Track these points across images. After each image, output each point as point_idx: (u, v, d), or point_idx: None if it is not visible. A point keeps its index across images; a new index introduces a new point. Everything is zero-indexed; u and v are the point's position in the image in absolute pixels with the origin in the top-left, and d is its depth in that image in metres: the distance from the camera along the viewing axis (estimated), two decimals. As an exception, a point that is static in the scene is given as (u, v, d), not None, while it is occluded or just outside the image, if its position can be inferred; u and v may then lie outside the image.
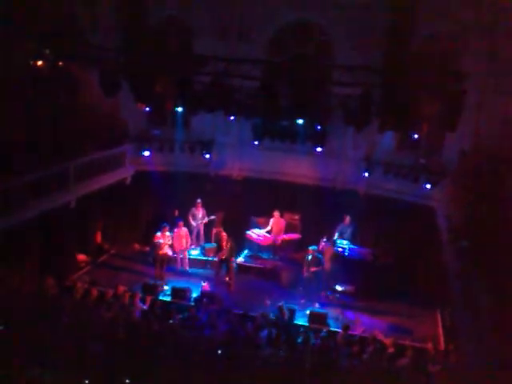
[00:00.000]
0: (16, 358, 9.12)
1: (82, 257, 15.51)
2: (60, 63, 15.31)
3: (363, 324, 12.79)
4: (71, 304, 11.52)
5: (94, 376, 9.28)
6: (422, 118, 12.84)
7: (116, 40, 15.40)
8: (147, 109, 15.70)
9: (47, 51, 14.97)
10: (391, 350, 10.85)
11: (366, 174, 15.77)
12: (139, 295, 12.45)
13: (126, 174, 17.12)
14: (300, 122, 13.96)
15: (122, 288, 12.51)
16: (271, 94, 13.18)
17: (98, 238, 16.71)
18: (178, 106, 14.95)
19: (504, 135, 13.22)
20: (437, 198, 14.79)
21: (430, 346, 11.02)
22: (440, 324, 13.26)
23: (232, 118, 15.86)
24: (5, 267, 11.67)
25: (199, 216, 16.33)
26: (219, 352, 10.24)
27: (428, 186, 14.61)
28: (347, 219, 15.35)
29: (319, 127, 14.68)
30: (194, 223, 16.28)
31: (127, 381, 9.30)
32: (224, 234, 14.85)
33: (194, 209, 16.34)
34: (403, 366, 10.06)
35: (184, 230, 15.41)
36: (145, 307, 12.13)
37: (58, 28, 15.23)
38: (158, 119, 17.51)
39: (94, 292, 12.17)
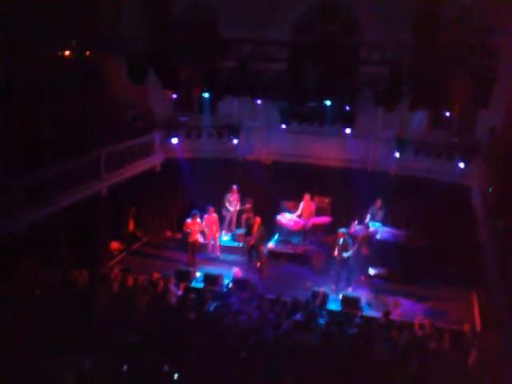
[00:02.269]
0: (54, 347, 9.29)
1: (115, 245, 15.73)
2: (87, 53, 15.39)
3: (400, 308, 12.65)
4: (107, 292, 11.66)
5: (132, 363, 9.39)
6: (453, 96, 12.51)
7: (142, 28, 15.37)
8: (174, 96, 15.69)
9: (74, 42, 15.05)
10: (428, 331, 10.70)
11: (397, 155, 15.48)
12: (173, 280, 12.54)
13: (155, 161, 17.18)
14: (328, 103, 13.78)
15: (156, 275, 12.62)
16: (298, 75, 13.02)
17: (131, 225, 16.91)
18: (204, 92, 14.90)
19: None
20: (472, 177, 14.44)
21: (467, 328, 10.82)
22: (476, 305, 13.04)
23: (259, 101, 15.79)
24: (39, 259, 11.85)
25: (234, 202, 16.33)
26: (251, 338, 10.25)
27: (461, 165, 14.28)
28: (378, 202, 15.13)
29: (348, 108, 14.47)
30: (230, 208, 16.29)
31: (166, 367, 9.38)
32: (257, 219, 14.82)
33: (229, 195, 16.36)
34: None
35: (214, 216, 15.44)
36: (179, 293, 12.23)
37: (84, 18, 15.27)
38: (184, 106, 17.51)
39: (130, 280, 12.30)
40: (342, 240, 13.54)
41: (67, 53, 15.21)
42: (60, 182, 12.91)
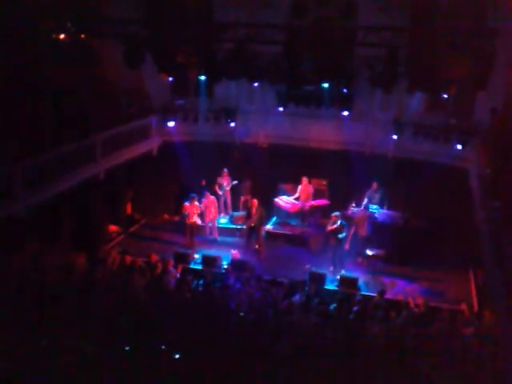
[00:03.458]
0: (54, 330, 9.36)
1: (113, 228, 15.78)
2: (82, 37, 15.25)
3: (396, 287, 12.76)
4: (105, 273, 11.72)
5: (133, 343, 9.48)
6: (451, 78, 12.49)
7: (137, 12, 15.25)
8: (170, 79, 15.62)
9: (69, 25, 14.92)
10: (422, 309, 10.82)
11: (395, 137, 15.50)
12: (172, 262, 12.60)
13: (152, 145, 17.19)
14: (325, 85, 13.74)
15: (154, 257, 12.67)
16: (295, 58, 12.97)
17: (129, 208, 16.95)
18: (201, 75, 14.83)
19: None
20: (469, 159, 14.49)
21: (464, 307, 10.93)
22: (473, 285, 13.16)
23: (256, 84, 15.73)
24: (37, 242, 11.88)
25: (225, 184, 16.37)
26: (249, 318, 10.34)
27: (459, 147, 14.33)
28: (374, 185, 15.18)
29: (345, 90, 14.43)
30: (220, 192, 16.33)
31: (163, 347, 9.47)
32: (255, 201, 14.86)
33: (220, 178, 16.38)
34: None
35: (211, 198, 15.48)
36: (177, 275, 12.30)
37: (79, 1, 15.13)
38: (181, 89, 17.42)
39: (128, 259, 12.36)
40: (336, 223, 13.55)
41: (62, 36, 15.06)
42: (58, 166, 12.93)
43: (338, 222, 13.44)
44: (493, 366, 8.64)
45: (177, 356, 9.33)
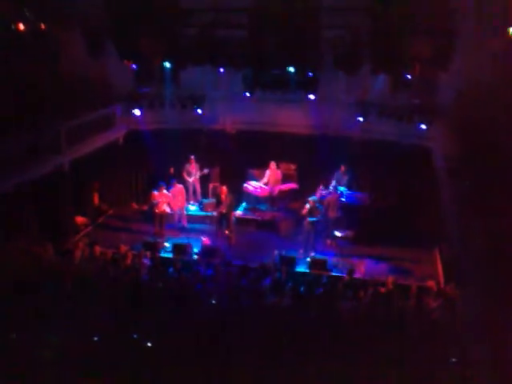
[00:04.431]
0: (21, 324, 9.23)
1: (80, 219, 15.53)
2: (42, 26, 14.90)
3: (366, 267, 12.94)
4: (74, 265, 11.59)
5: (103, 334, 9.42)
6: (413, 59, 12.62)
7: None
8: (134, 66, 15.39)
9: (28, 13, 14.55)
10: (390, 287, 11.02)
11: (360, 119, 15.61)
12: (144, 253, 12.51)
13: (118, 134, 16.94)
14: (291, 69, 13.74)
15: (124, 248, 12.56)
16: (260, 43, 12.93)
17: (95, 199, 16.72)
18: (165, 62, 14.66)
19: (497, 72, 13.04)
20: (433, 138, 14.70)
21: (431, 283, 11.16)
22: (439, 262, 13.43)
23: (222, 70, 15.62)
24: (2, 234, 11.66)
25: (193, 172, 16.28)
26: (223, 305, 10.38)
27: (423, 126, 14.51)
28: (342, 168, 15.30)
29: (310, 74, 14.45)
30: (189, 179, 16.24)
31: (135, 336, 9.44)
32: (224, 187, 14.82)
33: (187, 165, 16.28)
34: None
35: (179, 186, 15.39)
36: (148, 263, 12.23)
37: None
38: (145, 76, 17.16)
39: (97, 249, 12.23)
40: (310, 206, 13.60)
41: (22, 26, 14.69)
42: (20, 157, 12.65)
43: (313, 207, 13.52)
44: (453, 336, 8.85)
45: (149, 344, 9.33)
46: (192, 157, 16.23)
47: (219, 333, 9.44)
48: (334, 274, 12.66)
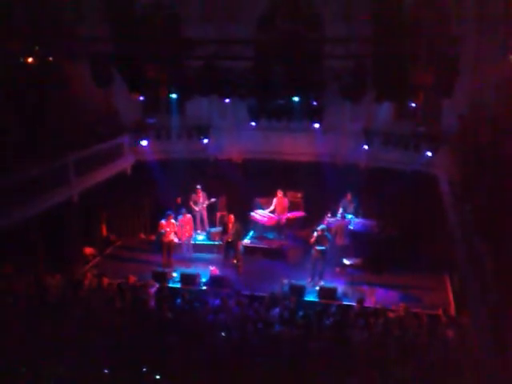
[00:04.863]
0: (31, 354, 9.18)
1: (88, 250, 15.56)
2: (50, 58, 15.17)
3: (376, 295, 12.84)
4: (82, 296, 11.55)
5: (113, 366, 9.35)
6: (417, 86, 12.73)
7: (104, 30, 15.23)
8: (141, 98, 15.58)
9: (36, 48, 14.82)
10: (401, 314, 10.91)
11: (366, 147, 15.70)
12: (151, 284, 12.48)
13: (125, 164, 17.08)
14: (295, 99, 13.87)
15: (132, 278, 12.53)
16: (264, 73, 13.07)
17: (104, 230, 16.76)
18: (171, 93, 14.83)
19: (499, 98, 13.16)
20: (438, 165, 14.74)
21: (440, 312, 11.05)
22: (450, 290, 13.32)
23: (227, 100, 15.78)
24: (10, 265, 11.66)
25: (200, 201, 16.33)
26: (231, 334, 10.29)
27: (429, 154, 14.55)
28: (349, 195, 15.33)
29: (315, 103, 14.59)
30: (196, 208, 16.27)
31: (144, 369, 9.35)
32: (231, 216, 14.84)
33: (194, 195, 16.32)
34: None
35: (188, 216, 15.42)
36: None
37: (45, 23, 15.05)
38: (152, 107, 17.40)
39: (105, 281, 12.20)
40: (319, 235, 13.56)
41: (30, 59, 14.96)
42: (29, 189, 12.74)
43: (324, 234, 13.51)
44: (470, 370, 8.72)
45: (158, 377, 9.24)
46: (198, 186, 16.30)
47: (229, 364, 9.38)
48: (344, 302, 12.54)
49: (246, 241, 15.90)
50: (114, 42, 13.98)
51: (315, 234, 13.55)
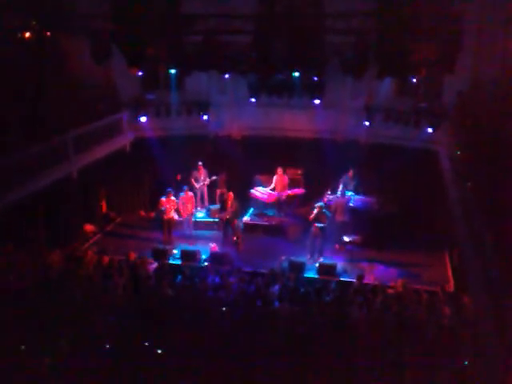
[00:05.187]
0: (30, 332, 9.25)
1: (88, 227, 15.56)
2: (47, 34, 15.00)
3: (375, 272, 12.89)
4: (83, 273, 11.60)
5: (113, 340, 9.43)
6: (419, 62, 12.61)
7: (103, 6, 15.02)
8: (140, 73, 15.45)
9: (34, 22, 14.65)
10: (400, 290, 10.96)
11: (367, 123, 15.60)
12: (150, 261, 12.52)
13: (124, 141, 17.01)
14: (296, 74, 13.75)
15: (133, 255, 12.57)
16: (265, 48, 12.94)
17: (104, 207, 16.76)
18: (170, 68, 14.70)
19: (502, 73, 13.04)
20: (439, 141, 14.69)
21: (438, 288, 11.11)
22: (449, 266, 13.37)
23: (227, 76, 15.65)
24: (10, 243, 11.69)
25: (201, 178, 16.30)
26: (232, 311, 10.35)
27: (430, 130, 14.50)
28: (351, 172, 15.25)
29: (316, 79, 14.46)
30: (197, 185, 16.24)
31: (146, 343, 9.44)
32: (231, 193, 14.82)
33: (195, 172, 16.28)
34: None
35: (190, 194, 15.39)
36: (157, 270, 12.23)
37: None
38: (151, 83, 17.28)
39: (106, 259, 12.23)
40: (317, 212, 13.57)
41: (28, 34, 14.80)
42: (29, 166, 12.71)
43: (322, 211, 13.51)
44: (472, 348, 8.78)
45: (159, 351, 9.33)
46: (200, 163, 16.24)
47: (231, 340, 9.46)
48: (343, 279, 12.60)
49: (246, 218, 15.92)
50: (113, 18, 13.83)
51: (314, 211, 13.55)
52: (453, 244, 13.08)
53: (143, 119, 16.42)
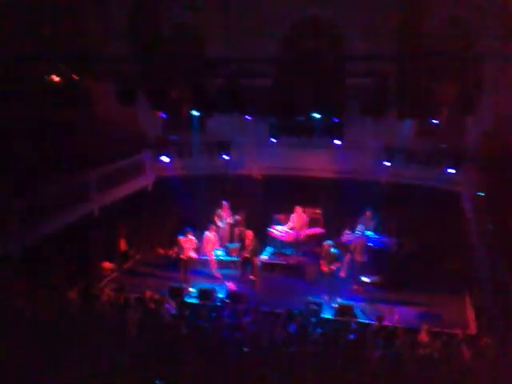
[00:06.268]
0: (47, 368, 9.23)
1: (107, 264, 15.66)
2: (75, 77, 15.51)
3: (395, 314, 12.60)
4: (99, 310, 11.62)
5: (126, 379, 9.35)
6: (440, 103, 12.64)
7: (130, 50, 15.56)
8: (163, 115, 15.82)
9: (62, 66, 15.19)
10: (424, 337, 10.67)
11: (387, 163, 15.58)
12: (167, 299, 12.48)
13: (147, 181, 17.28)
14: (316, 116, 13.90)
15: (148, 293, 12.56)
16: (285, 90, 13.14)
17: (123, 244, 16.88)
18: (193, 110, 15.02)
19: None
20: (461, 182, 14.55)
21: (458, 331, 10.80)
22: (469, 308, 13.02)
23: (248, 117, 15.90)
24: (31, 281, 11.82)
25: (225, 217, 16.37)
26: (247, 351, 10.18)
27: (451, 171, 14.38)
28: (368, 213, 15.11)
29: (336, 120, 14.59)
30: (220, 224, 16.30)
31: (157, 382, 9.32)
32: (249, 232, 14.82)
33: (220, 210, 16.37)
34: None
35: (214, 234, 15.47)
36: (173, 311, 12.15)
37: (72, 42, 15.47)
38: (174, 125, 17.63)
39: (121, 298, 12.25)
40: (327, 251, 13.46)
41: (56, 78, 15.32)
42: (52, 204, 12.98)
43: (329, 251, 13.37)
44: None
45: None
46: (225, 202, 16.33)
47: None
48: (361, 320, 12.35)
49: (264, 256, 15.83)
50: (138, 62, 14.28)
51: (326, 252, 13.43)
52: (474, 285, 12.78)
53: (166, 159, 16.67)
